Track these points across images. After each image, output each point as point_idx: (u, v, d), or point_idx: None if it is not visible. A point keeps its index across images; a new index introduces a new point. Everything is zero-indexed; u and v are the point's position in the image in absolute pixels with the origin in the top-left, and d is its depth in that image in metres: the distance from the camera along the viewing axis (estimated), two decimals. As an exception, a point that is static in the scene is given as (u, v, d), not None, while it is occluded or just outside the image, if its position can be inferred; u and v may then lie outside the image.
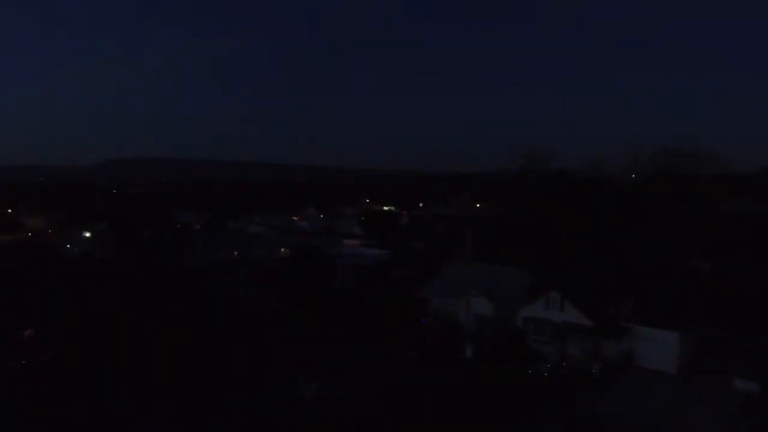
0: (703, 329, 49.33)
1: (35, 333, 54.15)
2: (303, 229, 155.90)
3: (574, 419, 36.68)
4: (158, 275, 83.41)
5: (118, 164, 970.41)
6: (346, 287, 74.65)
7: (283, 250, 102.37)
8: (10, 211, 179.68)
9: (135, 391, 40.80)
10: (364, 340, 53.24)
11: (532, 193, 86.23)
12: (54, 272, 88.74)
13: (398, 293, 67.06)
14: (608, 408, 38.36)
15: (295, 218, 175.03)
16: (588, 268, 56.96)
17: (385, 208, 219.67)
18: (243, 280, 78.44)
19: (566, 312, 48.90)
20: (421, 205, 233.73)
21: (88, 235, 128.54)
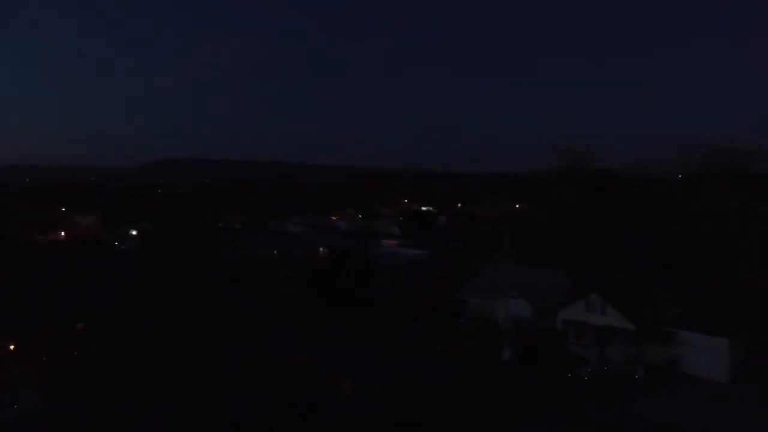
0: (757, 336, 47.23)
1: (85, 327, 56.34)
2: (341, 229, 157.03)
3: (615, 425, 35.73)
4: (200, 273, 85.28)
5: (164, 165, 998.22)
6: (383, 287, 74.72)
7: (321, 249, 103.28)
8: (63, 209, 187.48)
9: (177, 385, 41.89)
10: (401, 339, 53.20)
11: (573, 193, 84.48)
12: (102, 269, 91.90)
13: (436, 293, 66.74)
14: (652, 415, 37.20)
15: (334, 218, 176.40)
16: (631, 271, 55.42)
17: (423, 208, 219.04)
18: (282, 279, 79.48)
19: (608, 315, 47.67)
20: (459, 205, 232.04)
21: (134, 233, 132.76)
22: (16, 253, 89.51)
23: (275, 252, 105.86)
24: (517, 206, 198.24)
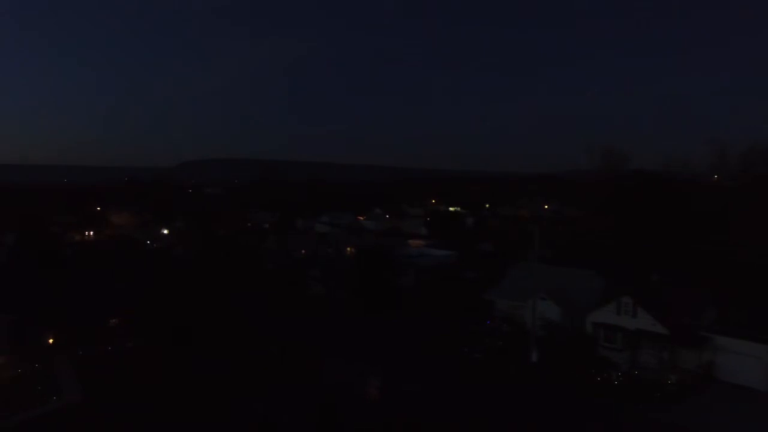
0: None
1: (120, 322, 57.90)
2: (369, 229, 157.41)
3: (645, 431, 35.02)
4: (229, 272, 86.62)
5: (196, 165, 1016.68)
6: (410, 287, 74.72)
7: (349, 249, 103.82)
8: (99, 208, 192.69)
9: (206, 381, 42.67)
10: (428, 339, 53.13)
11: (606, 193, 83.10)
12: (136, 266, 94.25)
13: (463, 294, 66.41)
14: (685, 423, 36.29)
15: (361, 218, 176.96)
16: (665, 273, 54.19)
17: (451, 208, 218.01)
18: (310, 278, 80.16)
19: (640, 318, 46.69)
20: (487, 206, 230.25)
21: (166, 232, 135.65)
22: (56, 251, 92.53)
23: (303, 251, 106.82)
24: (547, 207, 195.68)
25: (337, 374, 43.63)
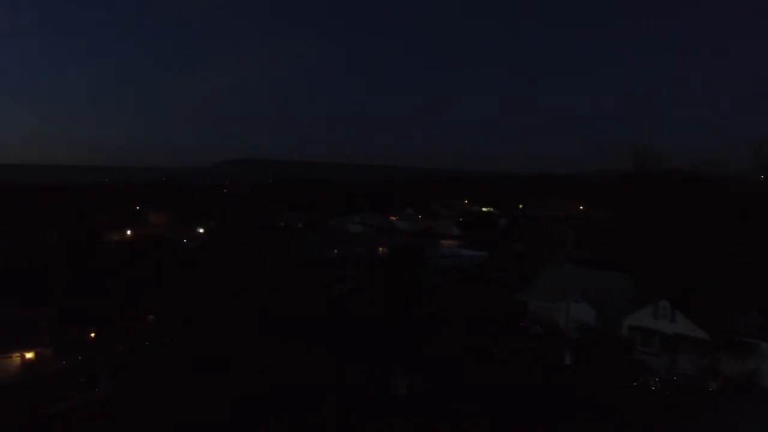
0: None
1: (155, 318, 59.20)
2: (400, 229, 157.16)
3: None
4: (262, 271, 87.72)
5: (231, 165, 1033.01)
6: (442, 287, 74.27)
7: (380, 249, 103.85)
8: (137, 208, 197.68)
9: (236, 377, 43.22)
10: (459, 339, 52.70)
11: (640, 193, 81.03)
12: (171, 264, 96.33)
13: (495, 295, 65.66)
14: (726, 431, 35.04)
15: (393, 218, 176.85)
16: (705, 276, 52.43)
17: (484, 209, 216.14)
18: (341, 277, 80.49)
19: (678, 323, 45.26)
20: (520, 206, 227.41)
21: (201, 231, 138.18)
22: (95, 250, 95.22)
23: (335, 251, 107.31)
24: (581, 208, 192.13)
25: (365, 374, 43.59)
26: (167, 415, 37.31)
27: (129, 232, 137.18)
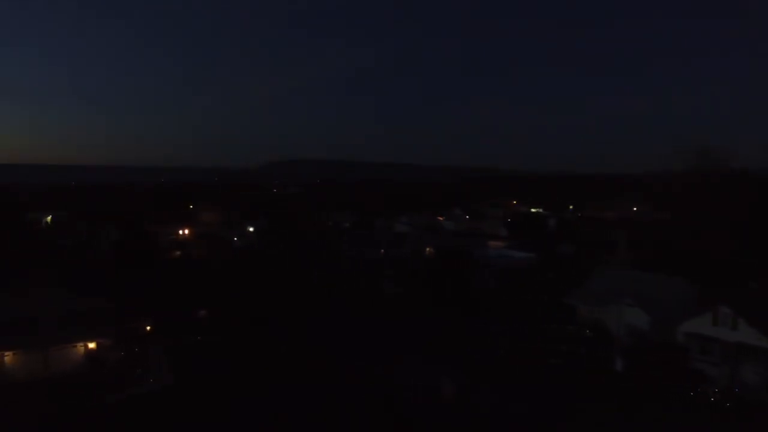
0: None
1: (207, 314, 61.07)
2: (448, 230, 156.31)
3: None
4: (310, 269, 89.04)
5: (281, 165, 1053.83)
6: (489, 288, 73.40)
7: (428, 249, 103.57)
8: (190, 207, 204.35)
9: (282, 375, 44.05)
10: (506, 343, 51.92)
11: (701, 194, 77.57)
12: (222, 262, 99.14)
13: (543, 297, 64.35)
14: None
15: (440, 218, 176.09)
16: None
17: (533, 209, 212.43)
18: (389, 277, 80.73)
19: (741, 331, 43.05)
20: (571, 207, 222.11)
21: (251, 229, 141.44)
22: (153, 247, 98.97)
23: (382, 251, 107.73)
24: (635, 209, 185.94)
25: (412, 374, 43.60)
26: (221, 405, 38.47)
27: (183, 231, 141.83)
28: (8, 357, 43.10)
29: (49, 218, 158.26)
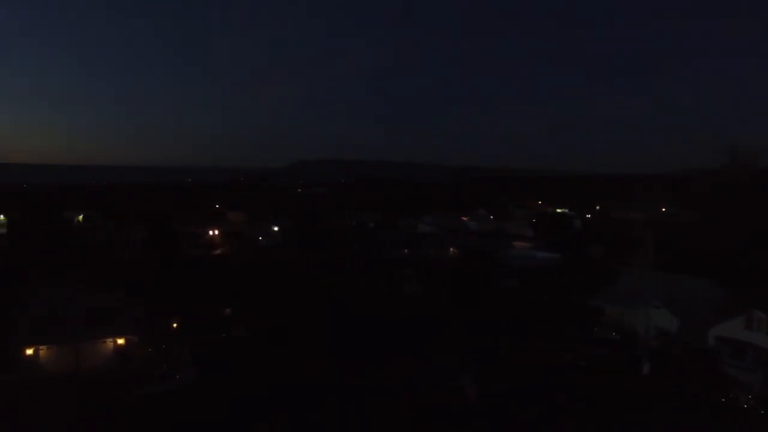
0: None
1: (233, 312, 61.84)
2: (472, 230, 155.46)
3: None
4: (333, 268, 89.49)
5: (306, 165, 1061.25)
6: (513, 289, 72.85)
7: (451, 249, 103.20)
8: (217, 206, 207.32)
9: (305, 374, 44.35)
10: (530, 344, 51.41)
11: (734, 194, 75.67)
12: (248, 261, 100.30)
13: (568, 298, 63.64)
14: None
15: (465, 219, 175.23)
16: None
17: (558, 210, 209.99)
18: (412, 277, 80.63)
19: (775, 335, 41.97)
20: (597, 207, 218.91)
21: (275, 229, 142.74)
22: (179, 245, 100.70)
23: (405, 251, 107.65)
24: (663, 209, 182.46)
25: (434, 375, 43.45)
26: (245, 402, 38.96)
27: (209, 230, 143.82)
28: (43, 351, 44.40)
29: (80, 217, 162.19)
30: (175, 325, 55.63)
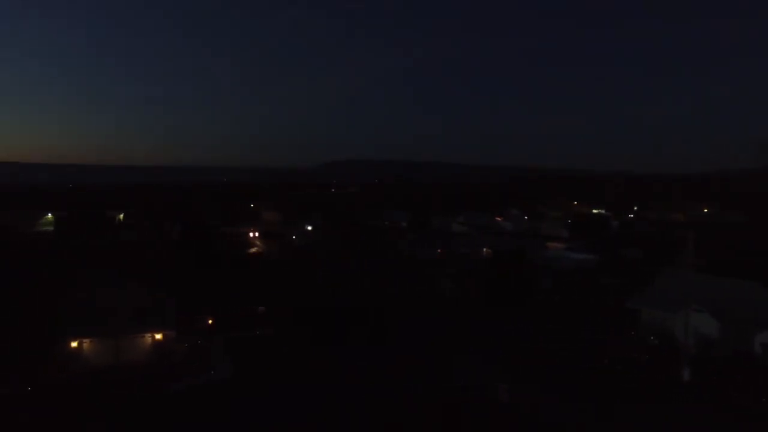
0: None
1: (266, 310, 62.74)
2: (506, 230, 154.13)
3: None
4: (366, 267, 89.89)
5: (340, 165, 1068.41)
6: (547, 290, 71.83)
7: (485, 249, 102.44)
8: (251, 206, 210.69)
9: (335, 372, 44.65)
10: (565, 346, 50.59)
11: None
12: (281, 260, 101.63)
13: (604, 300, 62.37)
14: None
15: (499, 219, 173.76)
16: None
17: (594, 210, 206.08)
18: (445, 277, 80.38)
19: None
20: (635, 208, 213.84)
21: (309, 228, 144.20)
22: (213, 244, 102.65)
23: (438, 250, 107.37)
24: (705, 210, 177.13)
25: (468, 375, 43.19)
26: (278, 397, 39.51)
27: (244, 229, 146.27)
28: (86, 344, 45.97)
29: (121, 216, 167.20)
30: (210, 321, 56.83)
